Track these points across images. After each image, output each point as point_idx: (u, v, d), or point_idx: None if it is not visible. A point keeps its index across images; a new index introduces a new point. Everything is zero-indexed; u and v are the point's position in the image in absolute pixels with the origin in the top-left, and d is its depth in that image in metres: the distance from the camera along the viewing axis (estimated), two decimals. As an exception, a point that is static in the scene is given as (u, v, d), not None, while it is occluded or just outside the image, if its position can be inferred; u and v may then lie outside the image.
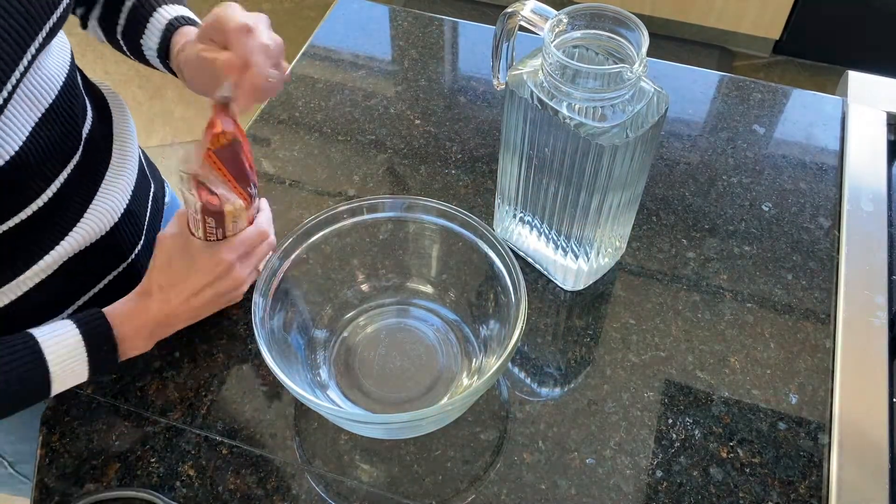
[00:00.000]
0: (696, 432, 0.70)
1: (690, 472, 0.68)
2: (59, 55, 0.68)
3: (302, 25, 2.53)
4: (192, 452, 0.69)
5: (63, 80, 0.68)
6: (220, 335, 0.77)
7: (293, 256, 0.72)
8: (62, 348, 0.64)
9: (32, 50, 0.60)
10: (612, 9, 0.65)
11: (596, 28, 0.67)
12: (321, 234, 0.74)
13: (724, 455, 0.69)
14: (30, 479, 0.71)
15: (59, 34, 0.67)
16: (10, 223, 0.65)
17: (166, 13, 0.75)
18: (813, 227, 0.87)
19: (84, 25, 0.82)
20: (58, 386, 0.65)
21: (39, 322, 0.71)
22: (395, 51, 1.08)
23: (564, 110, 0.65)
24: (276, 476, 0.68)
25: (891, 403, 0.70)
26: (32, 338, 0.64)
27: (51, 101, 0.66)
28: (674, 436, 0.70)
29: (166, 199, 0.93)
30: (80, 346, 0.65)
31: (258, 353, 0.68)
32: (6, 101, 0.59)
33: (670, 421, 0.71)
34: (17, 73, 0.58)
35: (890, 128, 0.95)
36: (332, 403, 0.70)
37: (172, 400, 0.72)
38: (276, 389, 0.73)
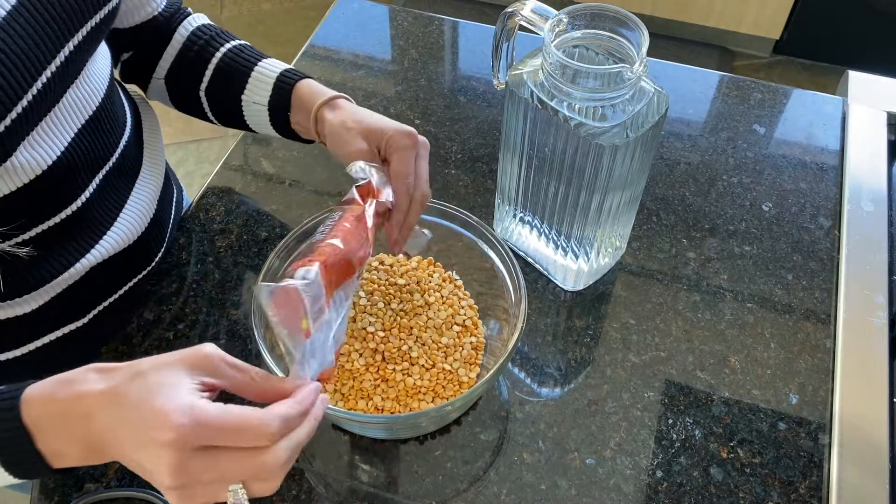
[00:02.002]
0: (697, 432, 0.70)
1: (691, 473, 0.68)
2: (102, 64, 0.69)
3: (302, 25, 2.53)
4: (192, 452, 0.69)
5: (105, 88, 0.68)
6: (220, 335, 0.77)
7: (293, 256, 0.72)
8: None
9: (65, 52, 0.60)
10: (612, 8, 0.65)
11: (596, 28, 0.67)
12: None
13: (725, 455, 0.69)
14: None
15: (101, 43, 0.67)
16: (41, 228, 0.65)
17: (271, 67, 0.74)
18: (813, 227, 0.87)
19: (127, 77, 0.81)
20: None
21: (58, 328, 0.72)
22: (395, 51, 1.08)
23: (564, 110, 0.65)
24: (276, 476, 0.68)
25: (891, 403, 0.70)
26: None
27: (94, 109, 0.66)
28: (674, 436, 0.70)
29: (184, 204, 0.93)
30: None
31: (258, 353, 0.68)
32: (45, 103, 0.59)
33: (670, 421, 0.71)
34: (46, 74, 0.58)
35: (890, 128, 0.95)
36: (332, 403, 0.70)
37: (172, 400, 0.72)
38: (276, 389, 0.73)
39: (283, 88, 0.73)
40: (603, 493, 0.67)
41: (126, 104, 0.76)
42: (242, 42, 0.78)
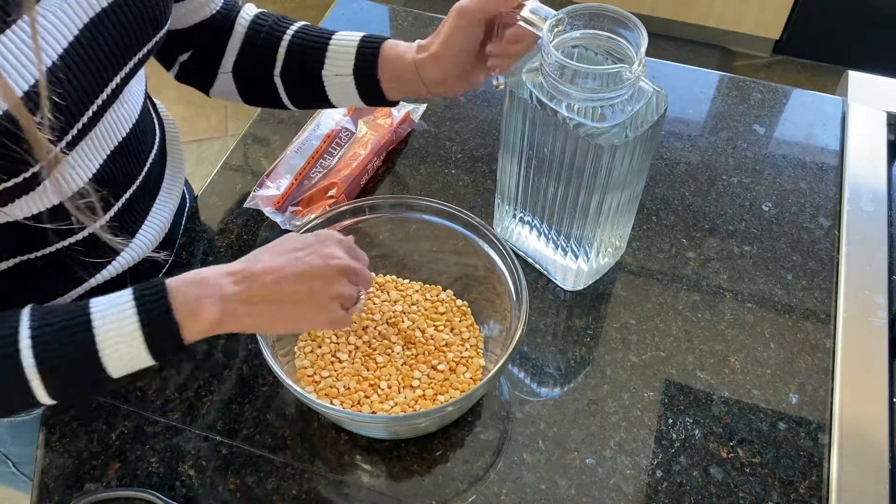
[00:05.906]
0: (697, 432, 0.70)
1: (690, 472, 0.68)
2: (138, 87, 0.68)
3: (302, 26, 2.53)
4: (192, 452, 0.69)
5: (139, 110, 0.68)
6: (220, 335, 0.77)
7: (293, 256, 0.72)
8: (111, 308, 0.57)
9: (117, 80, 0.60)
10: (611, 9, 0.65)
11: (595, 28, 0.67)
12: (321, 234, 0.74)
13: (725, 455, 0.69)
14: (30, 479, 0.71)
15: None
16: (59, 246, 0.64)
17: (347, 37, 0.75)
18: (813, 227, 0.87)
19: (186, 77, 0.81)
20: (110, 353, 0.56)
21: None
22: (395, 51, 1.08)
23: (564, 110, 0.65)
24: (276, 476, 0.68)
25: (891, 403, 0.70)
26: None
27: (126, 132, 0.66)
28: (674, 436, 0.70)
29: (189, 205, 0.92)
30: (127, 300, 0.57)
31: (258, 353, 0.68)
32: (86, 130, 0.59)
33: (670, 421, 0.71)
34: (97, 103, 0.59)
35: (890, 128, 0.95)
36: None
37: (172, 400, 0.72)
38: (276, 389, 0.73)
39: (368, 53, 0.73)
40: (603, 492, 0.67)
41: (155, 121, 0.76)
42: (305, 23, 0.78)
